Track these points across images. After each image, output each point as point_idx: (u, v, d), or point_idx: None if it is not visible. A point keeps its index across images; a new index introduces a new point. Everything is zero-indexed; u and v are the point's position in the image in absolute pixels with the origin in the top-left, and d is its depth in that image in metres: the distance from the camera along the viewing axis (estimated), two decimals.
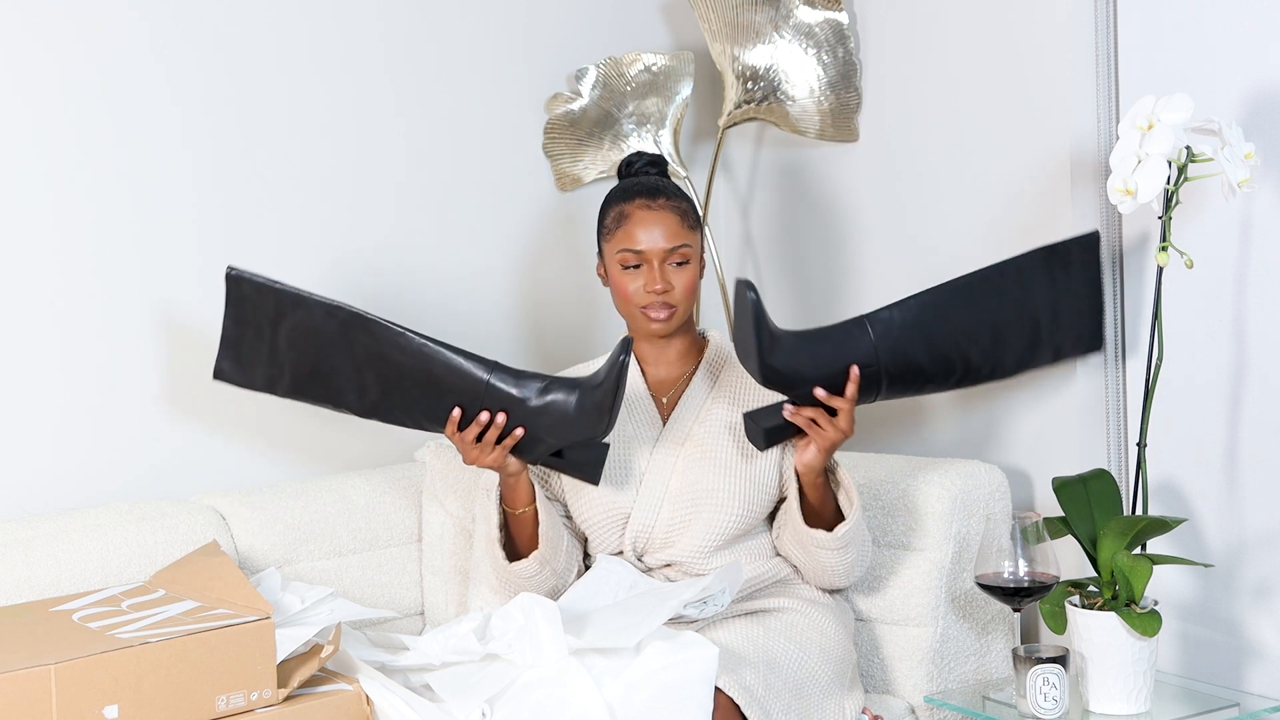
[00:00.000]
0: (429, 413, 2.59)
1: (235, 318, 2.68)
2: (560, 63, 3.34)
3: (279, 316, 2.63)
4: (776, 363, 2.55)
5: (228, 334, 2.68)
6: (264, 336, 2.65)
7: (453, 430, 2.57)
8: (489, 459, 2.57)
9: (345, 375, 2.61)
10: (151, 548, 2.69)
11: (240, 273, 2.66)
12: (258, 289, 2.65)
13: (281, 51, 3.05)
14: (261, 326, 2.65)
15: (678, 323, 2.72)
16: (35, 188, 2.84)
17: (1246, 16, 2.68)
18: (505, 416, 2.54)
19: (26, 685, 2.18)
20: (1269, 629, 2.72)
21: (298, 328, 2.62)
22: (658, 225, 2.68)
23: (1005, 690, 2.67)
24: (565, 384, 2.56)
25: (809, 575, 2.71)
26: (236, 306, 2.67)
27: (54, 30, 2.84)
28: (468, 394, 2.55)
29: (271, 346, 2.65)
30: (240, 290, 2.67)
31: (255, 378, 2.68)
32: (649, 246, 2.68)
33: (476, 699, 2.40)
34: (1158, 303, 2.60)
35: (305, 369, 2.63)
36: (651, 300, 2.68)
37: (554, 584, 2.70)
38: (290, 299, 2.63)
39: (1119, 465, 2.92)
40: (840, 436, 2.58)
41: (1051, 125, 2.89)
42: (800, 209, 3.37)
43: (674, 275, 2.69)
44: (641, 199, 2.71)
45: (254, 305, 2.66)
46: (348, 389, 2.62)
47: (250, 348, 2.67)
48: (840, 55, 3.22)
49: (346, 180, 3.13)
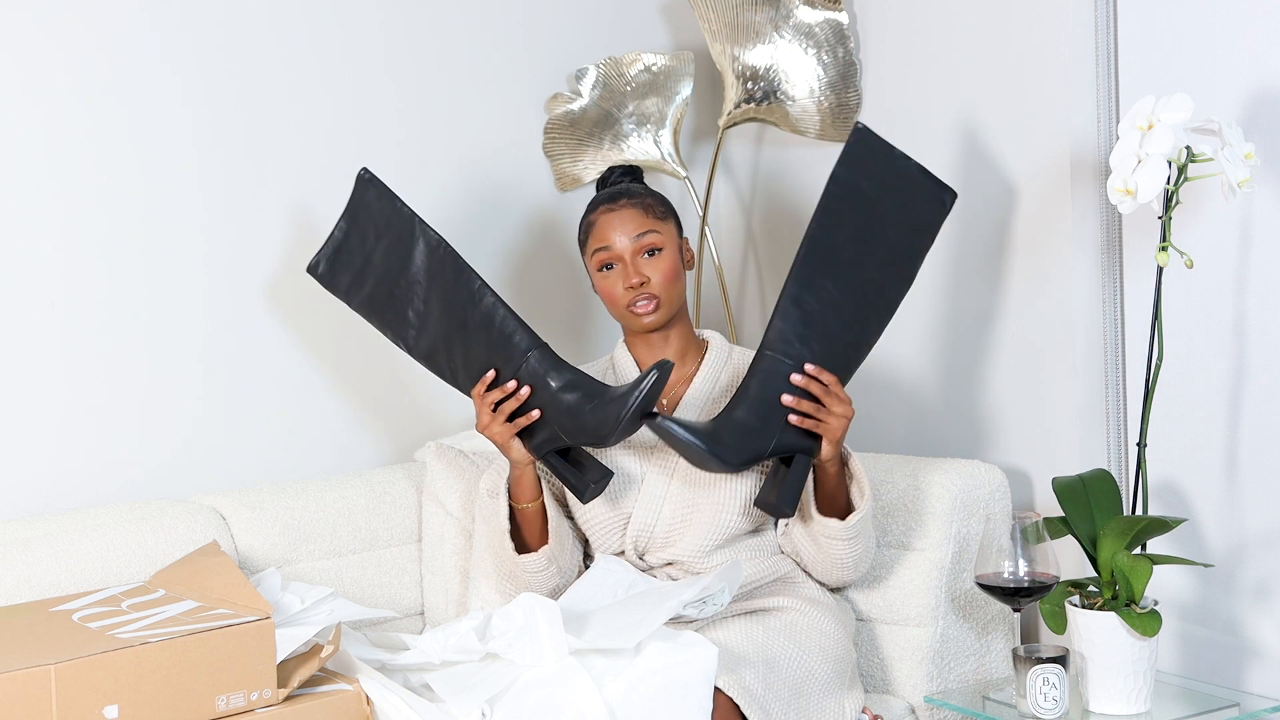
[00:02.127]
0: (469, 366, 2.66)
1: (350, 218, 2.76)
2: (560, 63, 3.35)
3: (385, 230, 2.72)
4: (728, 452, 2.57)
5: (335, 234, 2.77)
6: (365, 245, 2.74)
7: (481, 390, 2.63)
8: (498, 430, 2.61)
9: (414, 307, 2.70)
10: (151, 548, 2.69)
11: (372, 176, 2.75)
12: (379, 195, 2.73)
13: (283, 51, 3.06)
14: (366, 234, 2.74)
15: (667, 313, 2.72)
16: (38, 187, 2.84)
17: (1246, 16, 2.68)
18: (530, 392, 2.60)
19: (26, 685, 2.18)
20: (1269, 629, 2.72)
21: (396, 246, 2.71)
22: (620, 221, 2.73)
23: (1005, 690, 2.67)
24: (593, 386, 2.60)
25: (818, 569, 2.71)
26: (354, 209, 2.76)
27: (61, 29, 2.84)
28: (506, 360, 2.63)
29: (367, 257, 2.73)
30: (365, 194, 2.75)
31: (339, 283, 2.77)
32: (616, 242, 2.72)
33: (476, 699, 2.40)
34: (1158, 303, 2.60)
35: (384, 288, 2.72)
36: (632, 296, 2.70)
37: (557, 582, 2.70)
38: (404, 216, 2.71)
39: (1119, 465, 2.92)
40: (842, 422, 2.60)
41: (1051, 125, 2.89)
42: (801, 209, 3.37)
43: (647, 266, 2.71)
44: (604, 205, 2.77)
45: (370, 212, 2.74)
46: (412, 320, 2.71)
47: (349, 252, 2.75)
48: (840, 55, 3.22)
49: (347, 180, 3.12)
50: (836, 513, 2.65)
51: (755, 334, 3.48)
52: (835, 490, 2.65)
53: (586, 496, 2.64)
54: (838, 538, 2.64)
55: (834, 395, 2.60)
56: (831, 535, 2.64)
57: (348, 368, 3.13)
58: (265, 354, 3.04)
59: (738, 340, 3.46)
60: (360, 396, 3.14)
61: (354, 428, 3.14)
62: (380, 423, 3.17)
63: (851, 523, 2.62)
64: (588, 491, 2.63)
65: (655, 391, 2.55)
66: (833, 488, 2.65)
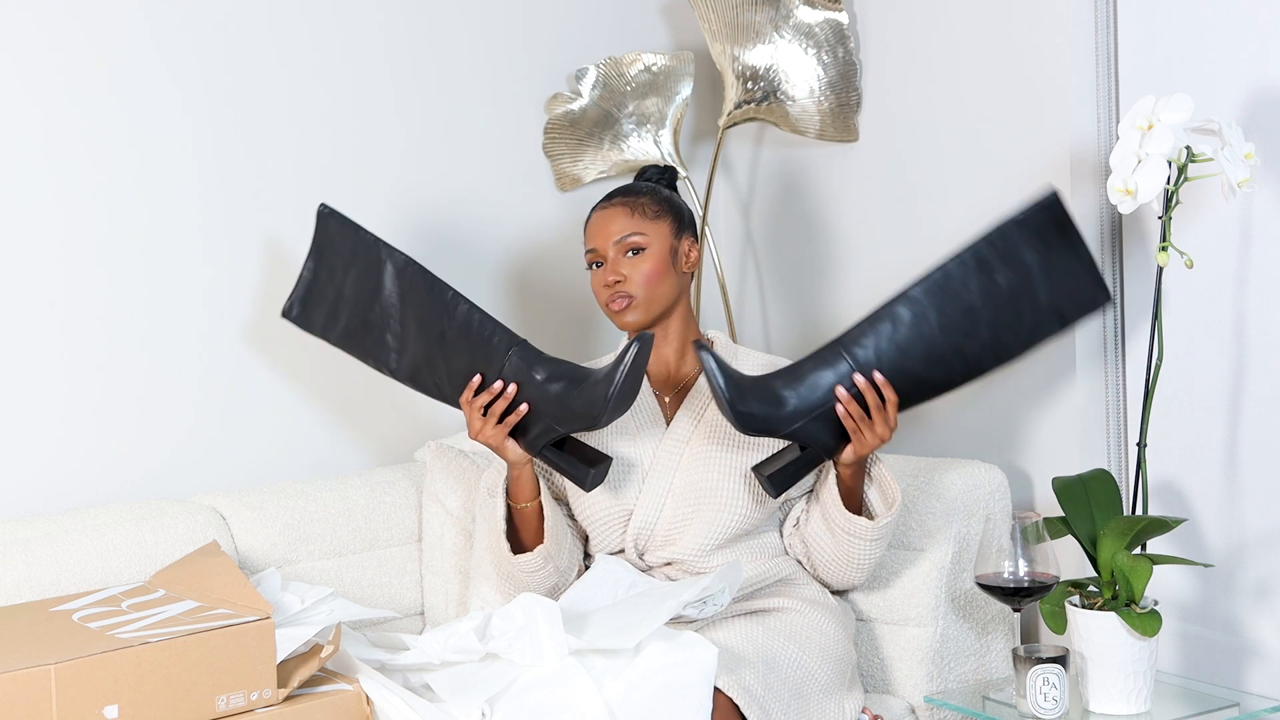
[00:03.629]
0: (453, 377, 2.65)
1: (315, 256, 2.76)
2: (560, 63, 3.35)
3: (352, 260, 2.72)
4: (748, 408, 2.55)
5: (304, 274, 2.76)
6: (334, 278, 2.73)
7: (468, 396, 2.62)
8: (490, 432, 2.61)
9: (392, 330, 2.69)
10: (151, 548, 2.69)
11: (331, 210, 2.74)
12: (341, 227, 2.73)
13: (283, 51, 3.06)
14: (334, 269, 2.73)
15: (644, 312, 2.72)
16: (39, 187, 2.84)
17: (1246, 16, 2.68)
18: (516, 389, 2.59)
19: (26, 685, 2.18)
20: (1269, 629, 2.72)
21: (366, 274, 2.70)
22: (605, 222, 2.75)
23: (1005, 690, 2.67)
24: (578, 370, 2.60)
25: (830, 568, 2.71)
26: (319, 246, 2.75)
27: (59, 28, 2.84)
28: (489, 363, 2.62)
29: (338, 291, 2.73)
30: (327, 229, 2.75)
31: (314, 321, 2.77)
32: (599, 241, 2.75)
33: (476, 699, 2.40)
34: (1158, 303, 2.60)
35: (359, 318, 2.71)
36: (609, 294, 2.72)
37: (556, 581, 2.70)
38: (368, 243, 2.70)
39: (1119, 465, 2.92)
40: (876, 441, 2.59)
41: (1051, 125, 2.89)
42: (801, 209, 3.37)
43: (626, 265, 2.72)
44: (600, 204, 2.79)
45: (334, 246, 2.73)
46: (391, 344, 2.70)
47: (320, 290, 2.75)
48: (840, 55, 3.22)
49: (347, 179, 3.13)
50: (854, 511, 2.66)
51: (755, 334, 3.48)
52: (852, 491, 2.66)
53: (588, 484, 2.63)
54: (863, 538, 2.64)
55: (885, 414, 2.58)
56: (857, 534, 2.64)
57: (348, 367, 3.13)
58: (265, 354, 3.04)
59: (737, 340, 3.45)
60: (360, 396, 3.14)
61: (354, 427, 3.14)
62: (380, 422, 3.17)
63: (880, 525, 2.63)
64: (588, 479, 2.63)
65: (639, 365, 2.53)
66: (849, 488, 2.66)
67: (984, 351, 2.60)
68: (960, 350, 2.59)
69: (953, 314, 2.57)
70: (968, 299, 2.57)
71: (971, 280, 2.57)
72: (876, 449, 2.61)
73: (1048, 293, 2.58)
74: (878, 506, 2.66)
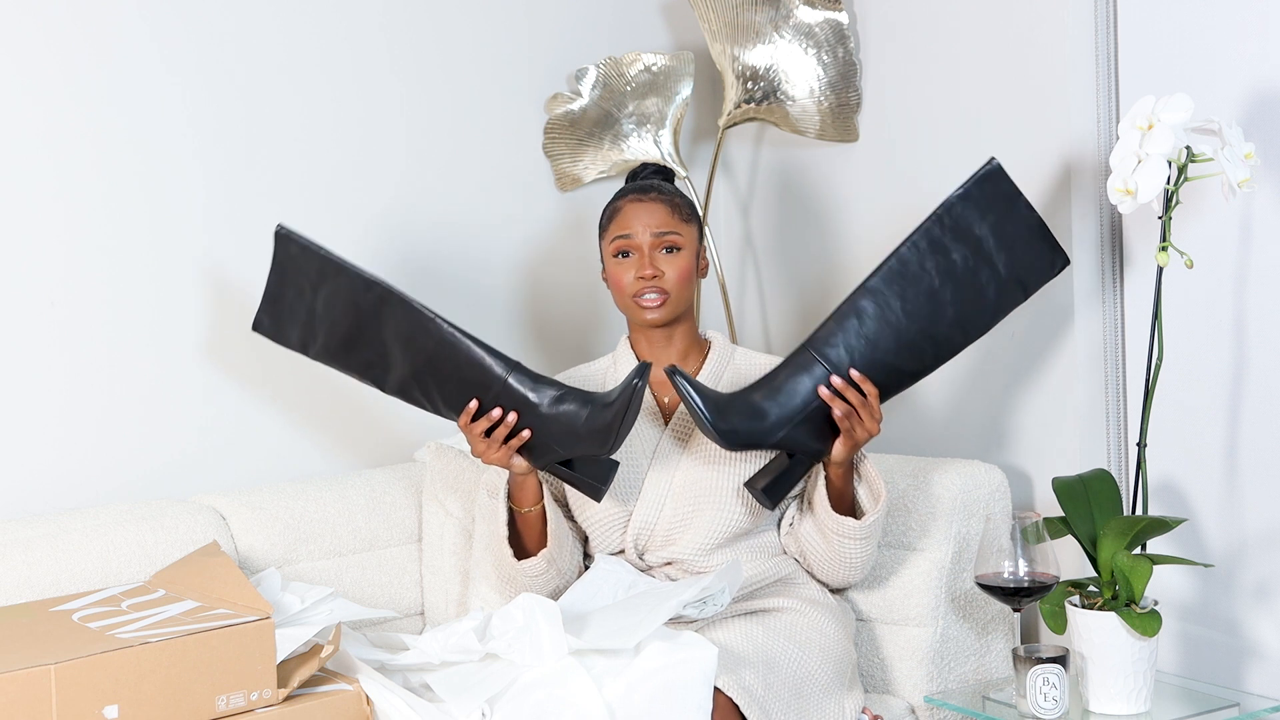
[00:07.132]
0: (447, 399, 2.62)
1: (278, 275, 2.72)
2: (560, 63, 3.35)
3: (320, 281, 2.67)
4: (730, 425, 2.56)
5: (270, 290, 2.72)
6: (303, 298, 2.69)
7: (466, 421, 2.60)
8: (495, 455, 2.60)
9: (375, 349, 2.65)
10: (151, 548, 2.69)
11: (289, 232, 2.70)
12: (303, 250, 2.69)
13: (285, 50, 3.06)
14: (302, 287, 2.69)
15: (672, 311, 2.72)
16: (39, 187, 2.84)
17: (1246, 16, 2.68)
18: (516, 416, 2.57)
19: (26, 685, 2.18)
20: (1269, 629, 2.72)
21: (336, 294, 2.66)
22: (647, 214, 2.73)
23: (1005, 690, 2.67)
24: (580, 396, 2.58)
25: (825, 567, 2.71)
26: (280, 264, 2.71)
27: (60, 27, 2.84)
28: (485, 388, 2.59)
29: (309, 309, 2.69)
30: (287, 249, 2.70)
31: (290, 336, 2.73)
32: (637, 232, 2.72)
33: (476, 699, 2.40)
34: (1158, 303, 2.60)
35: (338, 336, 2.67)
36: (642, 286, 2.70)
37: (557, 583, 2.70)
38: (332, 266, 2.66)
39: (1119, 465, 2.92)
40: (865, 436, 2.60)
41: (1051, 125, 2.89)
42: (800, 209, 3.37)
43: (663, 262, 2.71)
44: (634, 194, 2.77)
45: (297, 266, 2.69)
46: (376, 363, 2.66)
47: (289, 306, 2.71)
48: (840, 55, 3.22)
49: (348, 179, 3.13)
50: (844, 512, 2.66)
51: (755, 334, 3.48)
52: (843, 491, 2.66)
53: (601, 495, 2.63)
54: (851, 536, 2.64)
55: (869, 408, 2.59)
56: (845, 534, 2.64)
57: None
58: (265, 353, 3.03)
59: (737, 340, 3.46)
60: (360, 396, 3.14)
61: (354, 428, 3.14)
62: (380, 423, 3.17)
63: (867, 523, 2.63)
64: (601, 491, 2.63)
65: (640, 396, 2.54)
66: (840, 488, 2.66)
67: (952, 330, 2.63)
68: (928, 333, 2.62)
69: (915, 298, 2.60)
70: (927, 281, 2.60)
71: (928, 262, 2.60)
72: (866, 443, 2.61)
73: (1005, 264, 2.62)
74: (867, 504, 2.66)
